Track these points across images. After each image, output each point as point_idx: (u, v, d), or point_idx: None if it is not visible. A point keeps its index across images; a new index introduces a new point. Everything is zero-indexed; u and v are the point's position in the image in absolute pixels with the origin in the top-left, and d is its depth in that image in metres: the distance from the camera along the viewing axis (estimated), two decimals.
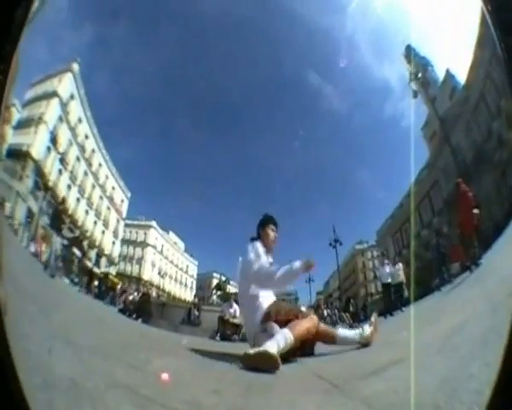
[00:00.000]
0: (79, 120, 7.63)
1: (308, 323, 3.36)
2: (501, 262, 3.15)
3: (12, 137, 5.27)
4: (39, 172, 6.33)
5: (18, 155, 5.91)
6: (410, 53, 7.00)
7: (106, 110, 7.94)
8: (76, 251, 6.81)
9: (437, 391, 1.39)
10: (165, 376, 1.89)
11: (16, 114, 5.15)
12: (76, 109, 7.50)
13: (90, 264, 7.46)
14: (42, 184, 6.39)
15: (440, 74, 7.28)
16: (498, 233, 4.11)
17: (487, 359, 1.10)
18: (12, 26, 1.08)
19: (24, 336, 1.64)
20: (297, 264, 3.60)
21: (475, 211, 5.23)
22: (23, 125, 5.94)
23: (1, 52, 1.06)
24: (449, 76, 7.01)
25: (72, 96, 7.38)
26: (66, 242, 6.53)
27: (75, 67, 7.31)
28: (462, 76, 6.50)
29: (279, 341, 2.89)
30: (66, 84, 7.23)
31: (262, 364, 2.51)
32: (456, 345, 2.00)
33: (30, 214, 5.94)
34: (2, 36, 1.06)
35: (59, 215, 6.45)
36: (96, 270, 7.67)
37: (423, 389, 1.45)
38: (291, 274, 3.61)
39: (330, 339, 3.53)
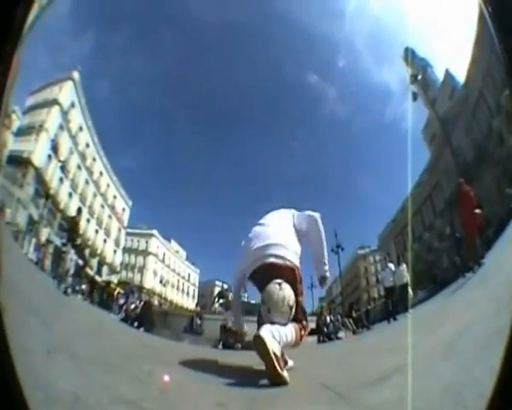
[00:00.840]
0: (80, 129, 7.64)
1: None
2: (504, 262, 3.13)
3: (12, 144, 5.27)
4: (40, 180, 6.33)
5: (19, 161, 5.91)
6: (409, 55, 7.01)
7: (107, 118, 7.96)
8: (78, 259, 6.79)
9: (442, 397, 1.38)
10: (168, 389, 1.87)
11: (17, 121, 5.16)
12: (77, 117, 7.51)
13: (91, 272, 7.44)
14: (43, 191, 6.39)
15: (440, 75, 7.29)
16: (501, 232, 4.09)
17: (491, 362, 1.08)
18: (12, 26, 1.08)
19: (25, 349, 1.62)
20: (328, 273, 3.60)
21: (477, 211, 5.20)
22: (24, 132, 5.94)
23: (0, 53, 1.05)
24: (449, 76, 7.01)
25: (72, 105, 7.40)
26: (66, 249, 6.51)
27: (76, 75, 7.33)
28: (461, 76, 6.51)
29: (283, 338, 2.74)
30: (66, 93, 7.25)
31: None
32: (460, 349, 1.98)
33: (31, 222, 5.94)
34: (2, 36, 1.05)
35: (73, 228, 6.38)
36: (97, 278, 7.64)
37: (428, 395, 1.44)
38: (319, 269, 3.60)
39: None
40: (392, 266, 7.36)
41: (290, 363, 3.06)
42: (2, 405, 1.00)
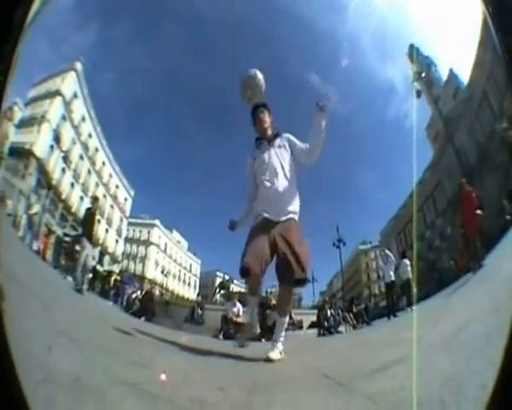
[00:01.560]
0: (83, 119, 7.64)
1: None
2: (504, 263, 3.12)
3: (14, 136, 5.27)
4: (42, 171, 6.33)
5: (21, 153, 5.91)
6: (413, 53, 6.97)
7: (109, 109, 7.96)
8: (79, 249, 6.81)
9: (442, 387, 1.38)
10: (169, 373, 1.87)
11: (18, 113, 5.15)
12: (79, 108, 7.51)
13: (93, 262, 7.46)
14: (45, 182, 6.39)
15: (443, 75, 7.25)
16: (501, 234, 4.07)
17: (491, 356, 1.09)
18: (12, 26, 1.07)
19: (24, 333, 1.62)
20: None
21: (479, 212, 5.18)
22: (26, 123, 5.93)
23: (1, 52, 1.05)
24: (452, 75, 6.98)
25: (75, 95, 7.39)
26: (68, 239, 6.53)
27: (78, 66, 7.32)
28: (465, 76, 6.48)
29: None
30: (69, 83, 7.24)
31: None
32: (460, 343, 1.99)
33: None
34: (2, 36, 1.05)
35: (90, 220, 6.31)
36: (99, 268, 7.66)
37: (428, 385, 1.45)
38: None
39: None
40: (392, 257, 7.37)
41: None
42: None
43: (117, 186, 8.67)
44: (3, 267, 1.40)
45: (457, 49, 6.30)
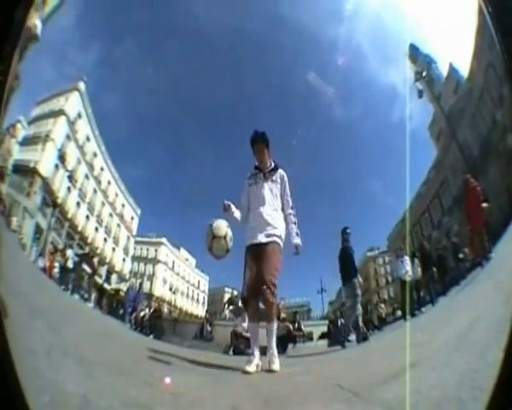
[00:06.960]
0: (87, 139, 7.70)
1: None
2: (511, 253, 3.10)
3: (18, 153, 5.32)
4: (47, 189, 6.36)
5: (25, 171, 5.95)
6: (413, 53, 7.02)
7: (114, 129, 8.03)
8: (86, 267, 6.81)
9: (458, 385, 1.37)
10: (180, 392, 1.83)
11: (22, 131, 5.20)
12: (84, 128, 7.57)
13: (100, 280, 7.45)
14: (50, 200, 6.41)
15: (444, 71, 7.26)
16: (508, 225, 4.04)
17: (504, 346, 1.06)
18: (12, 26, 1.07)
19: (29, 351, 1.60)
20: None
21: (484, 205, 5.18)
22: (30, 141, 5.99)
23: (1, 52, 1.05)
24: (452, 71, 6.99)
25: (79, 115, 7.46)
26: (76, 258, 6.53)
27: (81, 85, 7.40)
28: (464, 70, 6.48)
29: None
30: (73, 103, 7.31)
31: None
32: (472, 339, 1.99)
33: (38, 230, 5.97)
34: (2, 36, 1.05)
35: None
36: (106, 286, 7.65)
37: (445, 385, 1.45)
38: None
39: None
40: (406, 258, 7.30)
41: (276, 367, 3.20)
42: (2, 406, 0.98)
43: (123, 205, 8.69)
44: (8, 284, 1.38)
45: (456, 45, 6.32)
